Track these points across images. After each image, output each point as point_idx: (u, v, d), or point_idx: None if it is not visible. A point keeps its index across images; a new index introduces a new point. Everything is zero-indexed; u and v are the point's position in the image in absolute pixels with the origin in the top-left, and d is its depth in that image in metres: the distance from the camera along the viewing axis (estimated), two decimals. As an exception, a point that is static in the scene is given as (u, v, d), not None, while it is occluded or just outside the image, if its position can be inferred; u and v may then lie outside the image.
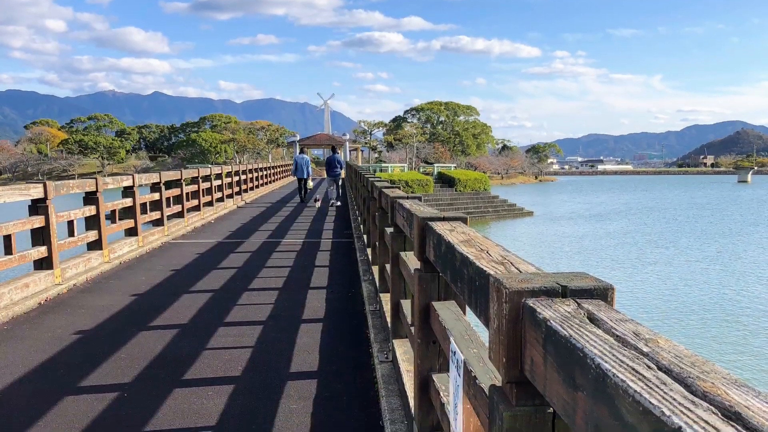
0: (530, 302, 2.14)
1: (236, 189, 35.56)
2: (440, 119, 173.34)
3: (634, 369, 1.50)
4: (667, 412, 1.27)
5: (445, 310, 4.63)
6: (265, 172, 50.79)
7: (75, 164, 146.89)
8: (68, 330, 9.85)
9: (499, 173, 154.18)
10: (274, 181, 56.46)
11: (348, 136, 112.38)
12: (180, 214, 23.39)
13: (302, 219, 27.60)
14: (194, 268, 15.39)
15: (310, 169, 35.46)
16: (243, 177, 38.12)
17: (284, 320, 10.41)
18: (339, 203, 33.13)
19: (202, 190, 26.79)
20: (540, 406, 2.23)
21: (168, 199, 21.88)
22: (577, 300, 2.12)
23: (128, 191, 18.14)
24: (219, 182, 30.92)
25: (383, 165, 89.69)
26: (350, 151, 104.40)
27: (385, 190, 9.95)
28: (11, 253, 11.75)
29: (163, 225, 20.68)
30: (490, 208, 68.32)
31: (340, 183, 34.82)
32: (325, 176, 36.43)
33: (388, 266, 9.12)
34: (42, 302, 11.71)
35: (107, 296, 12.25)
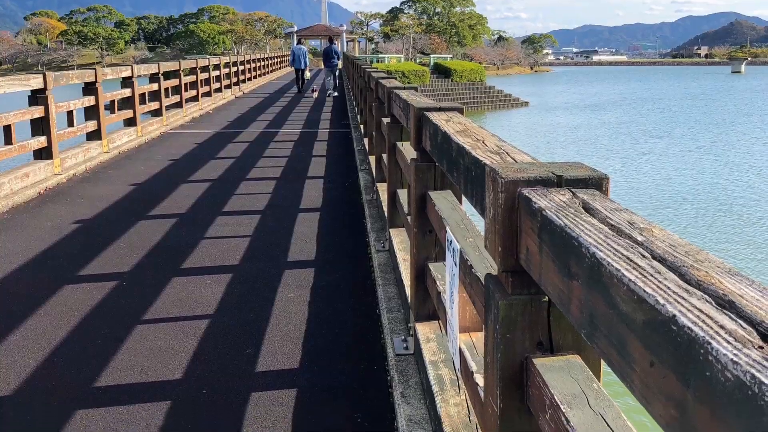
0: (526, 192, 2.14)
1: (234, 80, 35.26)
2: (436, 10, 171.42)
3: (628, 258, 1.50)
4: (662, 301, 1.28)
5: (442, 200, 4.64)
6: (262, 63, 50.40)
7: (74, 55, 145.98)
8: (68, 219, 9.89)
9: (494, 64, 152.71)
10: (271, 71, 56.01)
11: (345, 27, 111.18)
12: (178, 105, 23.24)
13: (300, 109, 27.47)
14: (193, 158, 15.38)
15: (307, 59, 35.18)
16: (241, 68, 37.83)
17: (282, 210, 10.44)
18: (336, 94, 32.95)
19: (201, 80, 26.52)
20: (535, 295, 2.25)
21: (166, 89, 21.71)
22: (573, 189, 2.12)
23: (127, 82, 18.01)
24: (217, 73, 30.62)
25: (380, 56, 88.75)
26: (347, 42, 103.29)
27: (382, 81, 9.86)
28: (11, 143, 11.78)
29: (161, 115, 20.57)
30: (486, 99, 67.82)
31: (337, 74, 34.60)
32: (323, 67, 36.16)
33: (384, 156, 9.11)
34: (41, 192, 11.72)
35: (106, 186, 12.26)
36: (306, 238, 8.89)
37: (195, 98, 25.66)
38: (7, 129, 11.74)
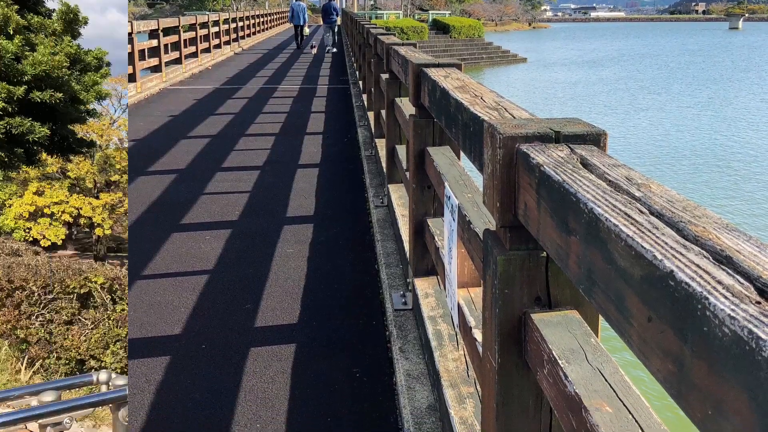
0: (524, 148, 2.13)
1: (233, 36, 35.09)
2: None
3: (626, 213, 1.50)
4: (659, 256, 1.28)
5: (440, 156, 4.63)
6: (262, 20, 50.10)
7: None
8: (65, 176, 9.88)
9: (493, 20, 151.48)
10: (270, 28, 55.67)
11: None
12: (178, 61, 23.14)
13: (299, 65, 27.34)
14: (192, 113, 15.33)
15: (306, 16, 34.94)
16: (240, 24, 37.64)
17: (281, 165, 10.43)
18: (335, 50, 32.75)
19: (200, 36, 26.40)
20: (533, 251, 2.25)
21: (166, 45, 21.62)
22: (570, 145, 2.11)
23: (127, 38, 17.94)
24: (216, 29, 30.44)
25: (379, 12, 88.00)
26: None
27: (381, 37, 9.82)
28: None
29: (161, 71, 20.50)
30: (484, 55, 67.39)
31: (336, 30, 34.39)
32: (322, 23, 35.96)
33: (383, 112, 9.07)
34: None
35: (103, 142, 12.24)
36: (305, 193, 8.89)
37: (194, 54, 25.54)
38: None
